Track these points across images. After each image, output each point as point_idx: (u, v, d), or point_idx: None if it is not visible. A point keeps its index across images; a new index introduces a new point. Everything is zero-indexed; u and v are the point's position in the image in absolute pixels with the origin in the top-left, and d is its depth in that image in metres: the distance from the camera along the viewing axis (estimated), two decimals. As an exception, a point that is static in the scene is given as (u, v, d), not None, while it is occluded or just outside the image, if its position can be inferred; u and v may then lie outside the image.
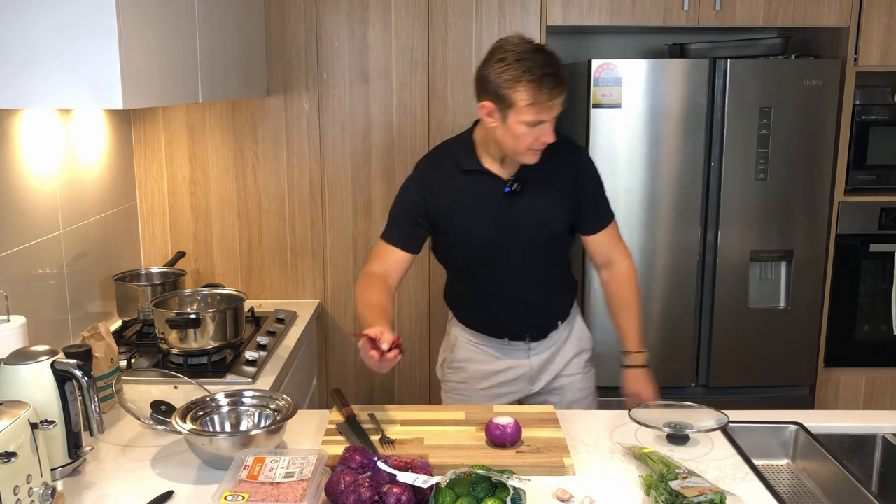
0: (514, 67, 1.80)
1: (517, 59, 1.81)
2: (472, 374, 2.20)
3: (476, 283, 2.14)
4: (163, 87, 1.83)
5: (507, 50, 1.84)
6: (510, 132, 1.86)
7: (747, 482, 1.59)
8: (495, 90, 1.83)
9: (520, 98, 1.81)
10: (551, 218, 2.04)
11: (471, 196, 2.01)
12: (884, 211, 2.94)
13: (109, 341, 1.91)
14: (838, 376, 3.05)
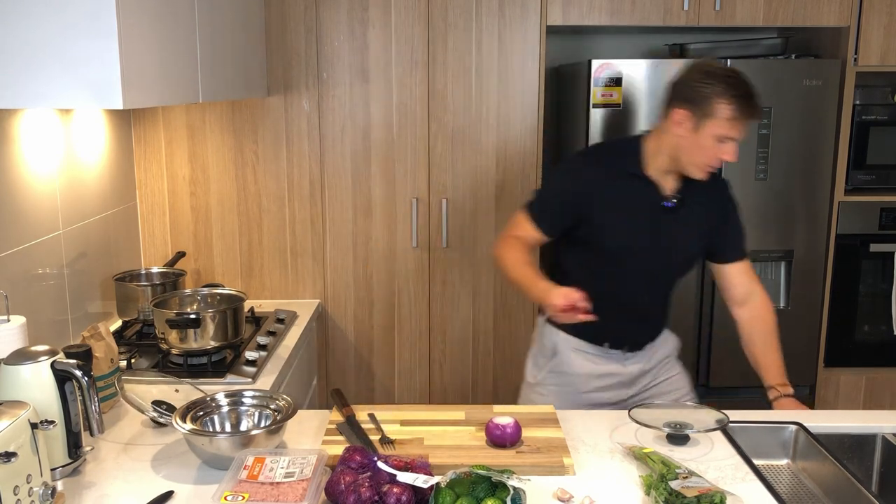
0: (722, 83, 1.87)
1: (726, 75, 1.88)
2: (575, 378, 2.18)
3: (597, 287, 2.07)
4: (163, 87, 1.83)
5: (713, 67, 1.92)
6: (697, 143, 1.91)
7: (747, 482, 1.59)
8: (696, 100, 1.89)
9: (721, 111, 1.86)
10: (695, 241, 2.08)
11: (628, 201, 2.02)
12: (884, 211, 2.94)
13: (109, 341, 1.91)
14: (838, 376, 3.05)
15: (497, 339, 3.01)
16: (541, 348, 2.25)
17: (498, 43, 2.82)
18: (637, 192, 2.02)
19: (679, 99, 1.94)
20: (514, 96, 2.85)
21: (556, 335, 2.19)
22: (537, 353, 2.26)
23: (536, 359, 2.26)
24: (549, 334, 2.21)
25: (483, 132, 2.87)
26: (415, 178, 2.90)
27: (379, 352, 3.01)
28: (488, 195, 2.91)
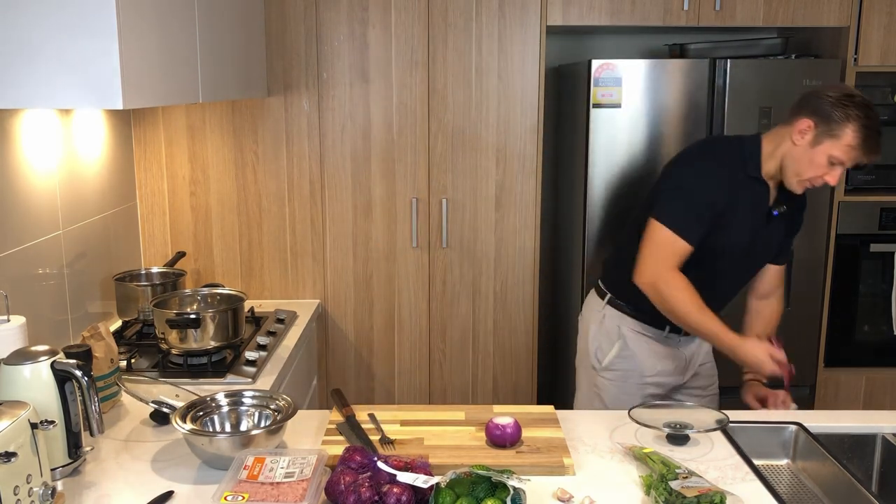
0: (860, 110, 1.92)
1: (864, 104, 1.94)
2: (642, 363, 2.23)
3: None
4: (163, 87, 1.83)
5: (855, 92, 1.97)
6: (809, 157, 1.96)
7: (747, 482, 1.59)
8: (828, 115, 1.93)
9: (848, 135, 1.92)
10: (779, 245, 2.19)
11: (746, 201, 2.06)
12: (884, 211, 2.94)
13: (109, 341, 1.91)
14: (838, 376, 3.05)
15: (497, 339, 3.01)
16: (605, 332, 2.27)
17: (498, 43, 2.82)
18: (753, 193, 2.07)
19: (809, 110, 1.97)
20: (514, 96, 2.85)
21: (622, 319, 2.24)
22: (600, 336, 2.28)
23: (600, 342, 2.28)
24: (613, 317, 2.25)
25: (483, 132, 2.87)
26: (415, 178, 2.90)
27: (379, 352, 3.01)
28: (488, 195, 2.91)
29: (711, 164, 2.09)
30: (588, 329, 2.33)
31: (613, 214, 2.81)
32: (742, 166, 2.06)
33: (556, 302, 3.38)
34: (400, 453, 1.62)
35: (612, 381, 2.25)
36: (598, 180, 2.79)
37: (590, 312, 2.36)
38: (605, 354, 2.27)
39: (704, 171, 2.08)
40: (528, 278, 2.96)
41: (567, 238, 3.12)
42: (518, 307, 2.99)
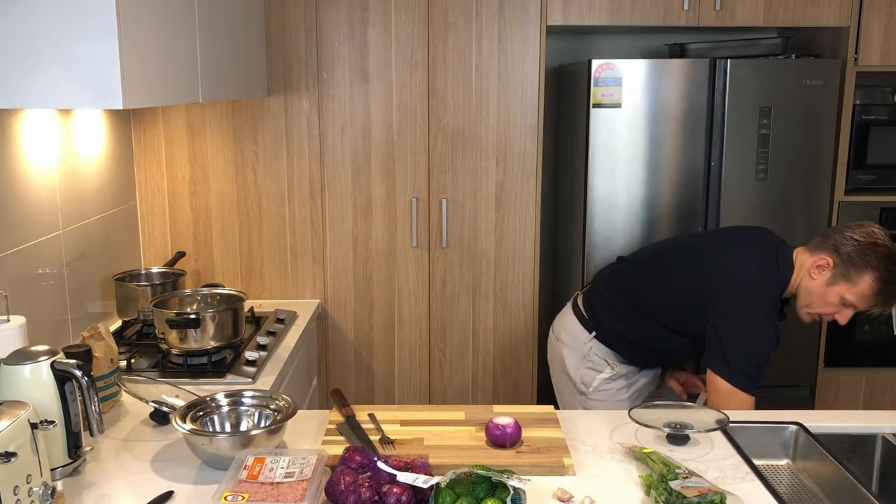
0: (881, 260, 1.94)
1: (887, 255, 1.95)
2: (627, 383, 2.33)
3: (660, 347, 2.26)
4: (163, 87, 1.83)
5: (880, 240, 1.97)
6: (822, 294, 2.01)
7: (747, 482, 1.59)
8: (849, 259, 1.97)
9: (864, 284, 1.96)
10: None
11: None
12: (884, 211, 2.94)
13: (109, 341, 1.91)
14: (838, 376, 3.05)
15: (497, 339, 3.01)
16: (589, 363, 2.33)
17: (498, 43, 2.82)
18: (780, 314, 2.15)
19: (832, 248, 1.99)
20: (514, 96, 2.85)
21: (609, 354, 2.31)
22: (582, 367, 2.35)
23: (583, 373, 2.34)
24: (599, 352, 2.31)
25: (483, 132, 2.87)
26: (415, 178, 2.90)
27: (379, 352, 3.01)
28: (488, 195, 2.91)
29: (772, 313, 2.06)
30: (568, 356, 2.37)
31: (613, 214, 2.81)
32: (780, 290, 2.10)
33: (556, 302, 3.38)
34: (400, 453, 1.62)
35: (603, 401, 2.31)
36: (598, 180, 2.79)
37: (571, 340, 2.38)
38: (591, 380, 2.32)
39: (770, 320, 2.05)
40: (528, 278, 2.96)
41: (567, 238, 3.12)
42: (518, 307, 2.99)
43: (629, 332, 2.24)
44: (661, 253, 2.34)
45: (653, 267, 2.29)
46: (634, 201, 2.81)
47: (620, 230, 2.82)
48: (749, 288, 2.05)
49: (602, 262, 2.83)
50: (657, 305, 2.18)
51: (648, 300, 2.21)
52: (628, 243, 2.83)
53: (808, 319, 2.10)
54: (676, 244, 2.39)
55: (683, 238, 2.58)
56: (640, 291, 2.24)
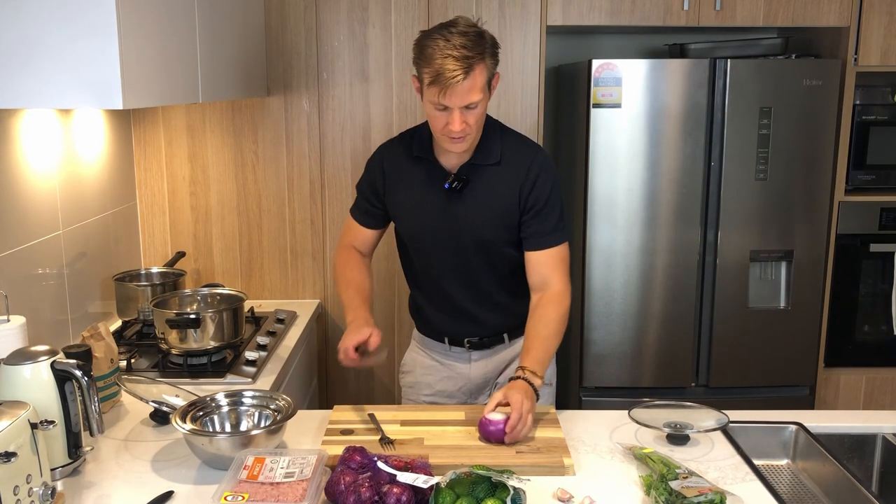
0: (429, 43, 1.74)
1: (436, 34, 1.74)
2: (418, 380, 2.17)
3: (418, 277, 2.10)
4: (163, 87, 1.83)
5: (439, 25, 1.78)
6: (427, 113, 1.83)
7: (747, 482, 1.59)
8: (415, 63, 1.80)
9: (426, 75, 1.75)
10: (486, 225, 1.94)
11: (417, 184, 1.97)
12: (884, 211, 2.94)
13: (109, 341, 1.91)
14: (838, 376, 3.05)
15: (497, 339, 3.00)
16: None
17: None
18: (424, 174, 1.97)
19: (414, 63, 1.82)
20: (514, 96, 2.85)
21: (414, 333, 2.22)
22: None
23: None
24: (413, 332, 2.23)
25: (483, 132, 2.86)
26: (415, 178, 2.89)
27: (379, 352, 3.01)
28: (488, 195, 2.90)
29: (371, 158, 2.07)
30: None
31: (613, 214, 2.81)
32: (410, 150, 1.98)
33: (556, 302, 3.38)
34: (400, 453, 1.62)
35: (405, 398, 2.23)
36: (598, 180, 2.79)
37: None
38: (401, 367, 2.26)
39: (367, 164, 2.07)
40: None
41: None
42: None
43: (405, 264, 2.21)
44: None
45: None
46: (634, 201, 2.81)
47: (620, 230, 2.82)
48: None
49: (602, 261, 2.83)
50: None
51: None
52: (628, 243, 2.83)
53: (450, 145, 1.84)
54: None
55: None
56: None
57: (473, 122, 1.81)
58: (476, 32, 1.76)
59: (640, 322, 2.89)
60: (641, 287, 2.86)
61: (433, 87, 1.74)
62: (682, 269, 2.86)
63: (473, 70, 1.73)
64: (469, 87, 1.73)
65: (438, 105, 1.76)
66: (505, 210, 1.93)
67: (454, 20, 1.79)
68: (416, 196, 1.97)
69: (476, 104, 1.78)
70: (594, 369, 2.92)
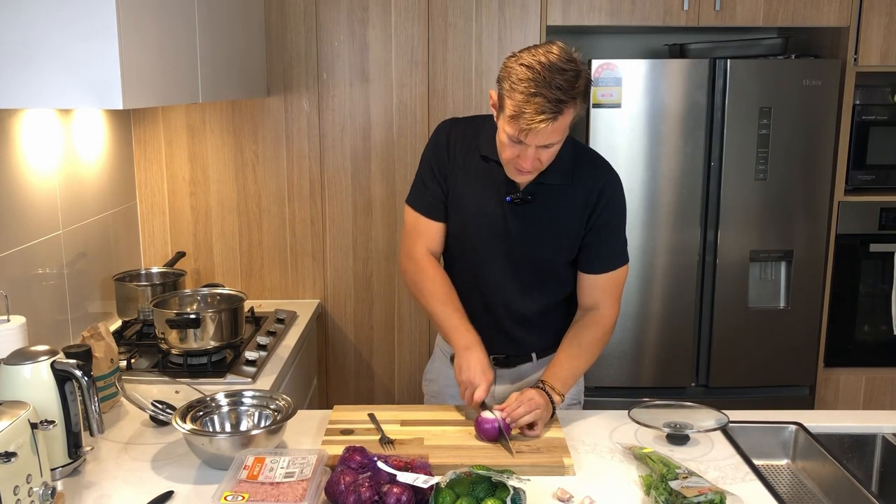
0: (524, 72, 1.57)
1: (535, 64, 1.57)
2: (442, 390, 2.06)
3: (455, 274, 1.94)
4: (163, 87, 1.83)
5: (536, 51, 1.61)
6: (498, 137, 1.70)
7: (747, 482, 1.59)
8: (499, 83, 1.64)
9: (508, 105, 1.60)
10: (543, 243, 1.84)
11: (479, 183, 1.82)
12: (884, 211, 2.94)
13: (109, 341, 1.91)
14: (838, 376, 3.05)
15: (497, 339, 3.01)
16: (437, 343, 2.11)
17: (498, 43, 2.82)
18: (490, 175, 1.82)
19: (498, 77, 1.66)
20: (514, 96, 2.85)
21: (439, 339, 2.06)
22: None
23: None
24: (438, 336, 2.08)
25: (483, 132, 2.86)
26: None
27: (379, 352, 3.01)
28: (488, 195, 2.90)
29: (436, 140, 1.90)
30: None
31: (613, 214, 2.81)
32: (479, 145, 1.83)
33: (556, 302, 3.38)
34: (400, 453, 1.62)
35: (430, 404, 2.08)
36: (598, 180, 2.79)
37: None
38: (425, 376, 2.13)
39: (429, 147, 1.91)
40: (528, 278, 2.96)
41: (567, 238, 3.12)
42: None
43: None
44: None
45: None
46: (634, 201, 2.81)
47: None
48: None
49: (602, 262, 2.83)
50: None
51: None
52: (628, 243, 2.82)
53: (515, 176, 1.74)
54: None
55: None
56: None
57: (546, 160, 1.69)
58: (574, 71, 1.58)
59: (640, 322, 2.89)
60: (641, 287, 2.86)
61: (514, 121, 1.59)
62: (682, 269, 2.87)
63: (562, 114, 1.58)
64: (553, 129, 1.59)
65: (514, 137, 1.62)
66: (567, 231, 1.83)
67: (550, 46, 1.61)
68: (475, 195, 1.83)
69: (554, 144, 1.65)
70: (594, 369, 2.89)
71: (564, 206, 1.81)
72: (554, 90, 1.55)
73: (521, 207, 1.81)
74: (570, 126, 1.66)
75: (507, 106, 1.60)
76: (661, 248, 2.85)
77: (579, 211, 1.81)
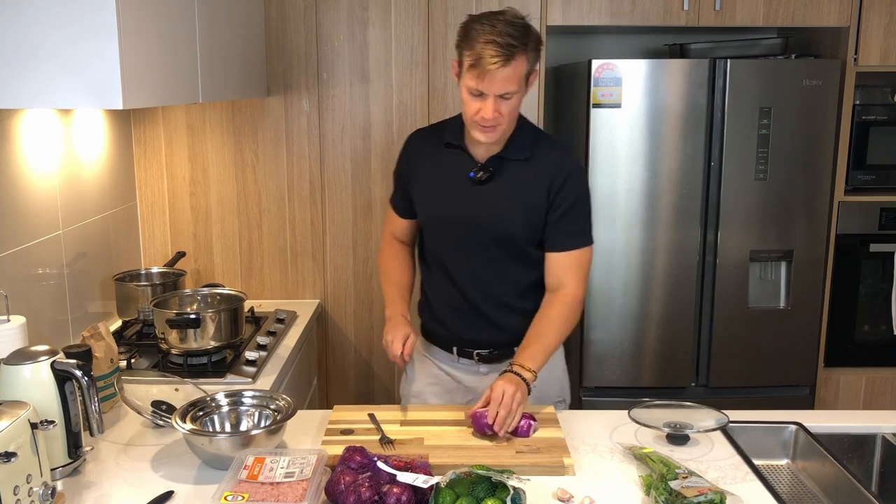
0: (475, 27, 1.75)
1: (484, 20, 1.75)
2: (423, 389, 2.06)
3: (430, 270, 2.04)
4: (163, 87, 1.83)
5: (488, 12, 1.80)
6: (461, 97, 1.82)
7: (747, 482, 1.59)
8: (457, 46, 1.80)
9: (466, 59, 1.75)
10: (508, 219, 1.89)
11: (443, 172, 1.95)
12: (884, 211, 2.94)
13: (109, 341, 1.91)
14: (838, 376, 3.05)
15: (497, 339, 3.00)
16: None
17: (498, 43, 2.81)
18: (452, 162, 1.94)
19: (456, 45, 1.83)
20: (514, 96, 2.85)
21: (419, 341, 2.07)
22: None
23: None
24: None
25: (483, 132, 2.86)
26: (415, 178, 2.89)
27: (379, 352, 3.01)
28: (488, 195, 2.90)
29: (403, 146, 2.08)
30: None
31: (613, 214, 2.81)
32: (442, 137, 1.97)
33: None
34: (400, 453, 1.62)
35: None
36: (598, 180, 2.79)
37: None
38: (403, 378, 2.14)
39: (400, 152, 2.08)
40: (528, 278, 2.96)
41: (567, 238, 3.12)
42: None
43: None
44: None
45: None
46: (634, 201, 2.81)
47: (620, 230, 2.82)
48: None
49: (602, 261, 2.83)
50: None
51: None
52: (628, 243, 2.83)
53: (479, 134, 1.82)
54: None
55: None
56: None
57: (506, 113, 1.79)
58: (523, 24, 1.79)
59: (640, 322, 2.89)
60: (641, 287, 2.86)
61: (472, 70, 1.73)
62: (682, 269, 2.87)
63: (514, 59, 1.73)
64: (508, 75, 1.73)
65: (474, 90, 1.76)
66: (530, 206, 1.89)
67: (503, 10, 1.81)
68: (439, 183, 1.95)
69: (511, 94, 1.77)
70: (594, 369, 2.92)
71: (527, 181, 1.90)
72: (505, 37, 1.72)
73: (485, 185, 1.90)
74: (525, 83, 1.80)
75: (466, 60, 1.75)
76: (661, 248, 2.85)
77: (543, 189, 1.89)
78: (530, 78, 1.82)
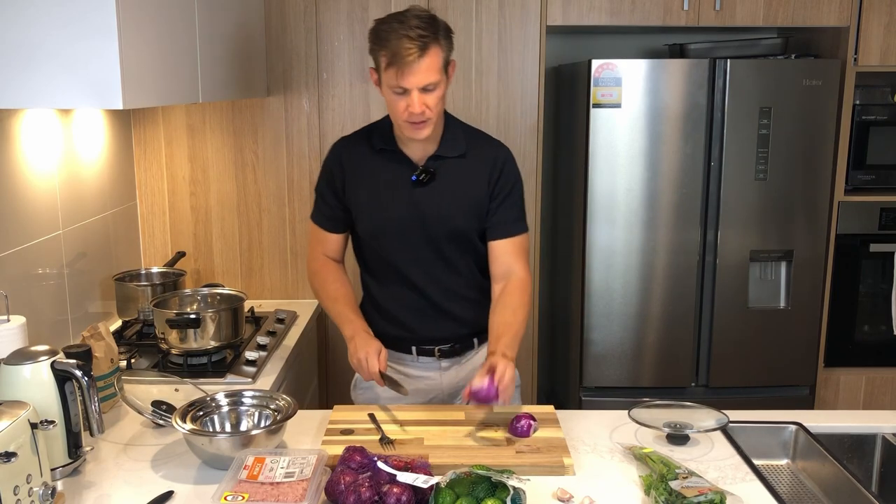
0: (384, 28, 1.77)
1: (390, 19, 1.78)
2: (380, 394, 2.01)
3: (380, 277, 2.03)
4: (163, 87, 1.83)
5: (393, 13, 1.81)
6: (386, 100, 1.82)
7: (747, 482, 1.59)
8: (371, 52, 1.81)
9: (383, 60, 1.77)
10: (456, 214, 1.93)
11: (381, 178, 1.94)
12: (884, 211, 2.94)
13: (109, 341, 1.91)
14: (838, 376, 3.05)
15: (497, 339, 3.00)
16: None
17: (498, 43, 2.82)
18: (389, 167, 1.94)
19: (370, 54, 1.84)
20: (514, 96, 2.85)
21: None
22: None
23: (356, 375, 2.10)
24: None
25: (483, 132, 2.86)
26: (415, 178, 2.89)
27: (379, 352, 3.01)
28: (488, 195, 2.90)
29: (327, 157, 2.03)
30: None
31: (613, 214, 2.81)
32: (372, 143, 1.96)
33: (556, 302, 3.38)
34: (400, 453, 1.62)
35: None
36: (598, 180, 2.79)
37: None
38: (354, 385, 2.11)
39: (323, 164, 2.04)
40: (528, 278, 2.96)
41: (567, 238, 3.12)
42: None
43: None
44: None
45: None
46: (634, 201, 2.81)
47: (620, 230, 2.82)
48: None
49: (602, 261, 2.84)
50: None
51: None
52: (628, 243, 2.83)
53: (411, 132, 1.84)
54: None
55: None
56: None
57: (433, 105, 1.82)
58: (429, 16, 1.81)
59: (640, 322, 2.89)
60: (641, 287, 2.86)
61: (390, 69, 1.75)
62: (682, 269, 2.87)
63: (429, 49, 1.76)
64: (426, 66, 1.76)
65: (397, 88, 1.77)
66: (474, 200, 1.94)
67: (408, 8, 1.84)
68: (380, 190, 1.94)
69: (434, 85, 1.80)
70: (594, 369, 2.92)
71: (466, 176, 1.94)
72: (416, 30, 1.75)
73: (428, 186, 1.92)
74: (445, 73, 1.84)
75: (382, 60, 1.77)
76: (661, 248, 2.85)
77: (482, 181, 1.95)
78: (449, 68, 1.86)
